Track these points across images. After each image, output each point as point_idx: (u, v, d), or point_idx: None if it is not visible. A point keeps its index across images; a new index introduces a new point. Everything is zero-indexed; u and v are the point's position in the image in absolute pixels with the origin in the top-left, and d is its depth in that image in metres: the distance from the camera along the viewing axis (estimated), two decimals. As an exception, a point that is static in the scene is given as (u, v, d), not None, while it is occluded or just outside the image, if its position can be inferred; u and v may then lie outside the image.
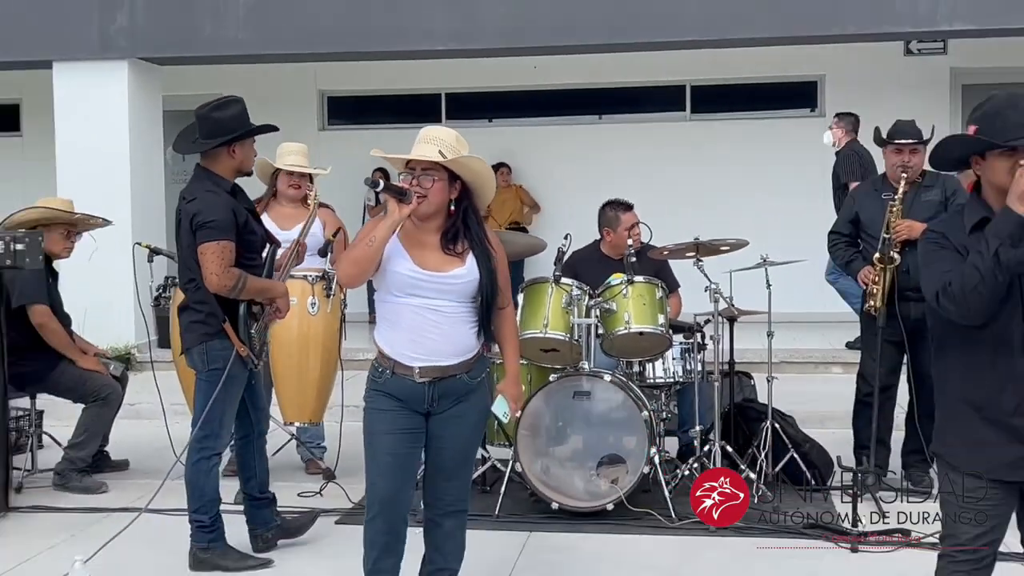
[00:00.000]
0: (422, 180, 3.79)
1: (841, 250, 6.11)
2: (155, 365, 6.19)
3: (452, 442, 3.95)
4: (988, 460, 3.28)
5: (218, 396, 4.79)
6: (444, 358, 3.83)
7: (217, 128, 4.82)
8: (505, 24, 9.77)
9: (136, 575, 4.75)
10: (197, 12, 10.06)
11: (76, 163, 10.05)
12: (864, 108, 10.38)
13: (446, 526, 4.04)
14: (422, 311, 3.81)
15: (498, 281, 3.91)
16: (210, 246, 4.63)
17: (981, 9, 9.21)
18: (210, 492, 4.90)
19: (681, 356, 6.07)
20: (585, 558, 5.01)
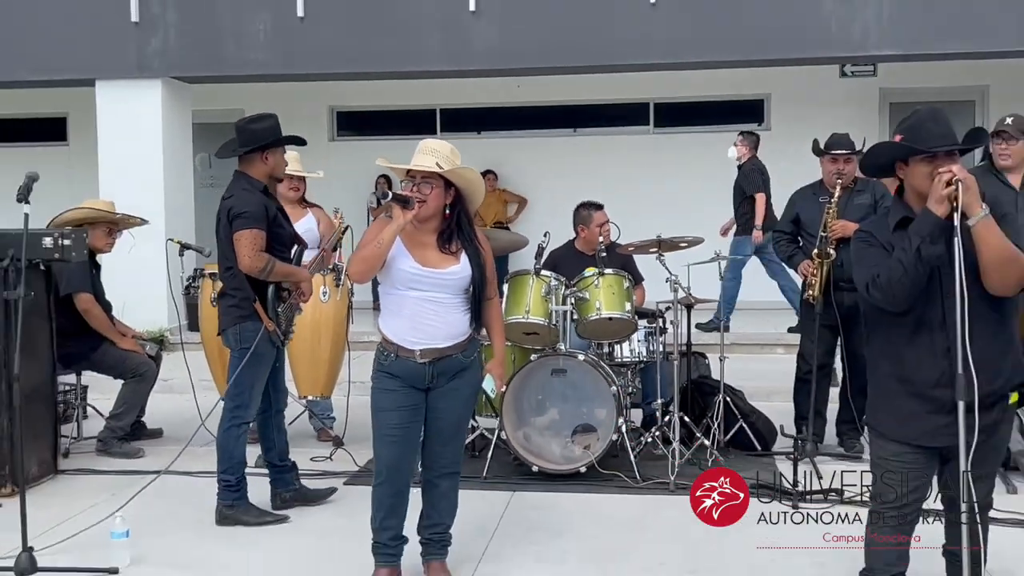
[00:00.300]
0: (421, 187, 3.86)
1: (784, 246, 6.13)
2: (185, 346, 6.18)
3: (448, 413, 4.02)
4: (913, 429, 3.32)
5: (248, 371, 4.82)
6: (441, 341, 3.91)
7: (252, 138, 4.90)
8: (493, 49, 9.78)
9: (167, 528, 4.72)
10: (223, 37, 10.06)
11: (116, 169, 10.04)
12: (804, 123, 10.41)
13: (442, 486, 4.10)
14: (422, 302, 3.89)
15: (487, 275, 3.99)
16: (244, 233, 4.70)
17: (906, 37, 9.24)
18: (238, 456, 4.91)
19: (645, 338, 6.08)
20: (561, 514, 5.02)
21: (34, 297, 5.34)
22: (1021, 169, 5.58)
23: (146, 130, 10.16)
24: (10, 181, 4.66)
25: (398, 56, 9.91)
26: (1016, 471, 5.42)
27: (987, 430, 3.15)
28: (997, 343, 3.26)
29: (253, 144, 4.88)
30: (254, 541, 4.68)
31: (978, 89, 11.60)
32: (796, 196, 6.13)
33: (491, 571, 4.26)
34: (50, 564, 4.17)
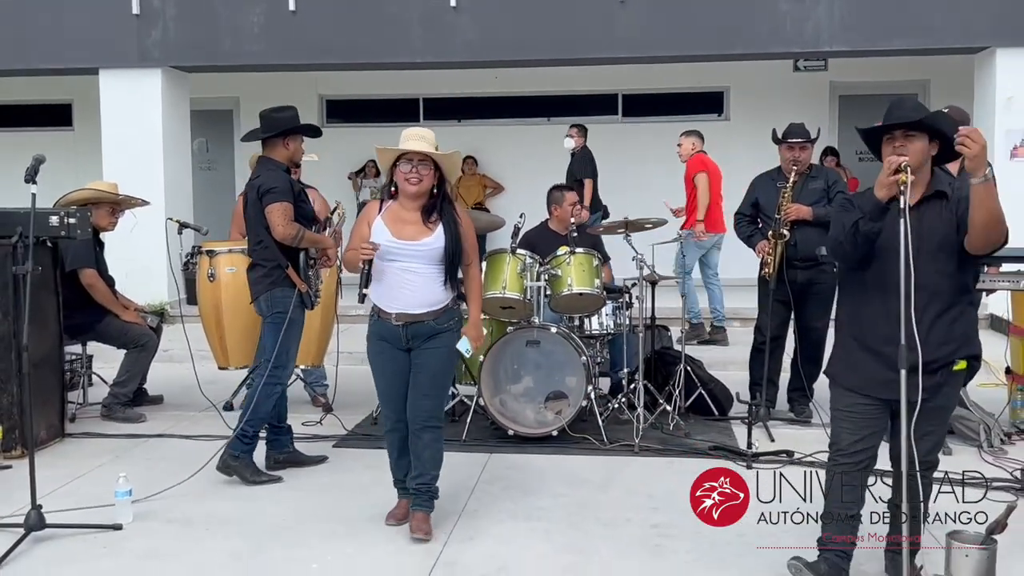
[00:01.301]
0: (419, 168, 4.06)
1: (744, 227, 6.13)
2: (184, 319, 6.14)
3: (425, 368, 4.14)
4: (862, 378, 3.44)
5: (285, 336, 4.87)
6: (414, 308, 4.10)
7: (274, 124, 5.00)
8: (472, 42, 9.73)
9: (166, 486, 4.70)
10: (219, 29, 9.96)
11: (118, 153, 9.96)
12: (760, 113, 10.45)
13: (424, 438, 4.15)
14: (400, 272, 4.09)
15: (463, 244, 4.14)
16: (275, 206, 4.79)
17: (856, 34, 9.28)
18: (263, 413, 4.93)
19: (613, 312, 6.10)
20: (535, 473, 5.03)
21: (41, 272, 5.29)
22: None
23: (147, 116, 10.07)
24: (18, 163, 4.59)
25: (384, 48, 9.86)
26: (952, 434, 5.48)
27: (929, 391, 3.23)
28: (948, 315, 3.32)
29: (275, 130, 4.97)
30: (250, 498, 4.66)
31: (920, 83, 11.66)
32: (756, 181, 6.14)
33: (470, 526, 4.27)
34: (58, 521, 4.14)
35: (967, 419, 5.46)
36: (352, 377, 6.71)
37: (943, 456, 5.07)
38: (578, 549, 4.01)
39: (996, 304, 8.35)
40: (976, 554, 3.13)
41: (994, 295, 6.39)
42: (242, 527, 4.28)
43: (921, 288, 3.24)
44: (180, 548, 4.05)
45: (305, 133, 5.16)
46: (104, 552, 3.99)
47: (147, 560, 3.92)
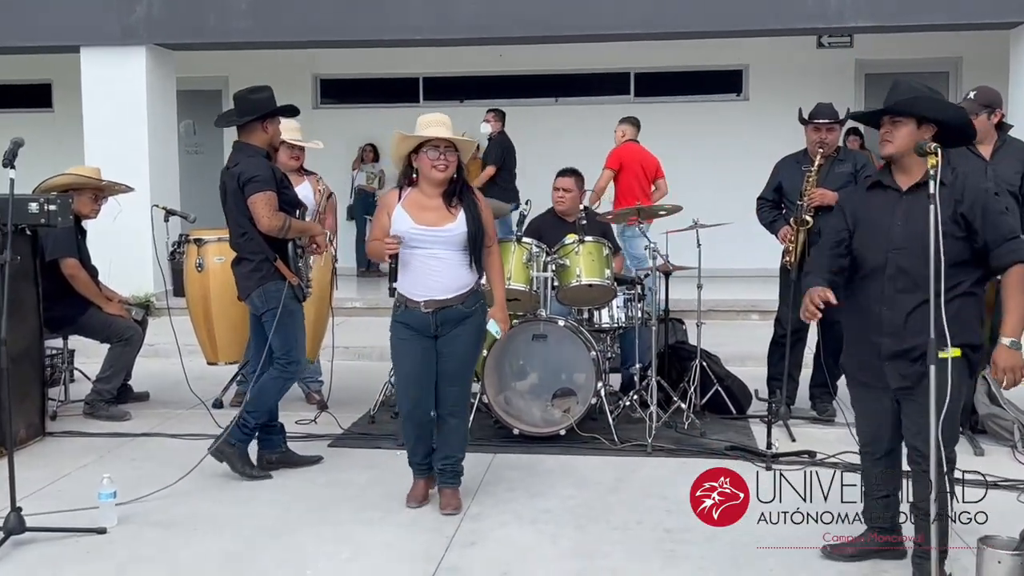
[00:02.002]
0: (446, 154, 4.31)
1: (766, 212, 6.12)
2: (171, 311, 6.16)
3: (452, 356, 4.41)
4: (855, 368, 3.80)
5: (286, 329, 4.91)
6: (441, 293, 4.34)
7: (252, 108, 4.97)
8: (475, 18, 9.72)
9: (153, 489, 4.72)
10: (205, 4, 9.97)
11: (101, 136, 9.98)
12: (782, 93, 10.43)
13: (451, 423, 4.50)
14: (425, 259, 4.33)
15: (484, 227, 4.39)
16: (259, 196, 4.80)
17: (881, 9, 9.24)
18: (270, 404, 5.01)
19: (624, 304, 6.09)
20: (541, 474, 5.05)
21: (20, 262, 5.29)
22: (989, 139, 5.62)
23: (131, 97, 10.07)
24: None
25: (382, 24, 9.84)
26: (984, 434, 5.48)
27: (911, 378, 3.47)
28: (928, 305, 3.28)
29: (253, 114, 4.94)
30: (241, 500, 4.69)
31: (951, 60, 11.62)
32: (780, 164, 6.13)
33: (473, 529, 4.29)
34: (39, 524, 4.16)
35: (1001, 418, 5.47)
36: (348, 373, 6.73)
37: (976, 457, 5.13)
38: (586, 554, 4.02)
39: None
40: (1009, 560, 3.14)
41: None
42: (233, 530, 4.30)
43: (904, 274, 3.47)
44: (166, 552, 4.07)
45: (283, 114, 5.14)
46: (87, 556, 4.01)
47: (132, 565, 3.94)
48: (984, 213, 3.47)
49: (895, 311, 3.53)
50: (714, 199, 8.76)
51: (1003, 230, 3.50)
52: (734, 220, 6.88)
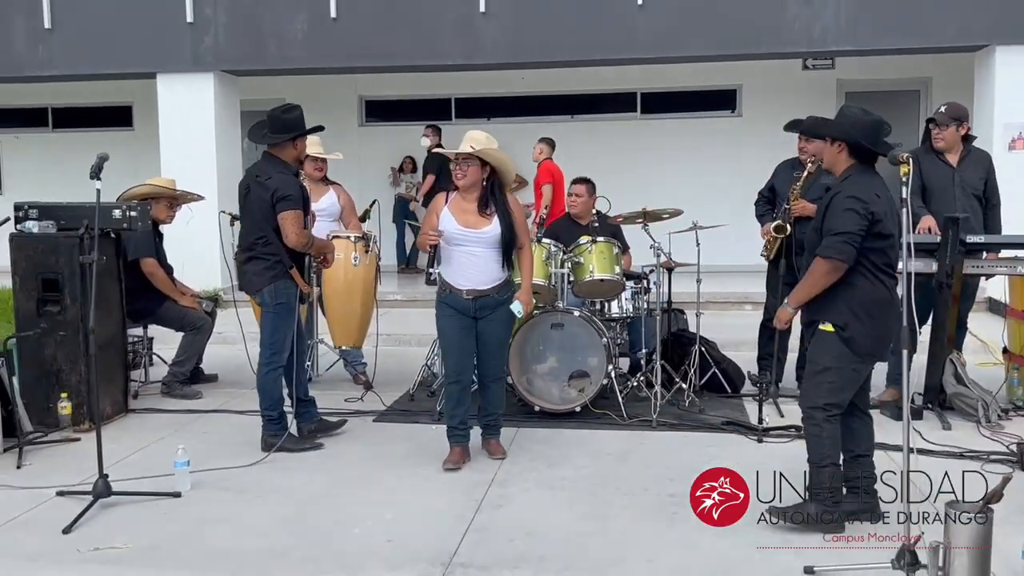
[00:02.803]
0: (462, 165, 4.56)
1: (760, 206, 6.07)
2: (237, 304, 6.19)
3: (491, 335, 4.70)
4: None
5: (283, 324, 4.88)
6: (480, 284, 4.60)
7: (284, 126, 4.88)
8: (500, 46, 9.73)
9: (222, 458, 4.77)
10: (265, 35, 10.02)
11: (175, 151, 10.07)
12: (771, 110, 10.35)
13: (492, 387, 4.82)
14: (464, 255, 4.59)
15: (516, 230, 4.63)
16: (289, 214, 4.75)
17: (861, 34, 9.18)
18: (277, 394, 4.96)
19: (632, 297, 6.08)
20: (559, 446, 5.05)
21: (106, 261, 5.36)
22: (956, 149, 5.57)
23: (200, 117, 10.15)
24: (84, 161, 4.64)
25: (418, 51, 9.87)
26: (951, 410, 5.43)
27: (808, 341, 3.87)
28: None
29: (286, 133, 4.85)
30: (298, 469, 4.72)
31: (922, 80, 11.49)
32: (779, 167, 6.07)
33: (499, 493, 4.30)
34: (123, 489, 4.21)
35: (967, 396, 5.41)
36: (390, 357, 6.75)
37: (944, 431, 5.09)
38: (599, 516, 4.02)
39: (994, 288, 8.24)
40: (974, 522, 3.10)
41: (993, 279, 6.32)
42: (290, 494, 4.33)
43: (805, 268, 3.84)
44: (234, 513, 4.11)
45: (312, 132, 5.06)
46: (165, 517, 4.06)
47: (204, 524, 3.98)
48: (827, 210, 3.75)
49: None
50: (711, 203, 8.73)
51: (827, 226, 3.72)
52: (729, 222, 6.83)
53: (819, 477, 3.74)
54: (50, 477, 4.51)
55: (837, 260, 3.64)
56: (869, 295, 3.70)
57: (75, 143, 12.37)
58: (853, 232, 3.60)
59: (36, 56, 10.39)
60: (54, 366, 5.39)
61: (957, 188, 5.49)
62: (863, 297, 3.70)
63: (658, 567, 3.49)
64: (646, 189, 8.98)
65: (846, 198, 3.67)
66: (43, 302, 5.39)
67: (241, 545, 3.75)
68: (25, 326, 5.40)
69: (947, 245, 5.19)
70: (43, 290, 5.38)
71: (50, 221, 5.42)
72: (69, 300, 5.36)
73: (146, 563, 3.58)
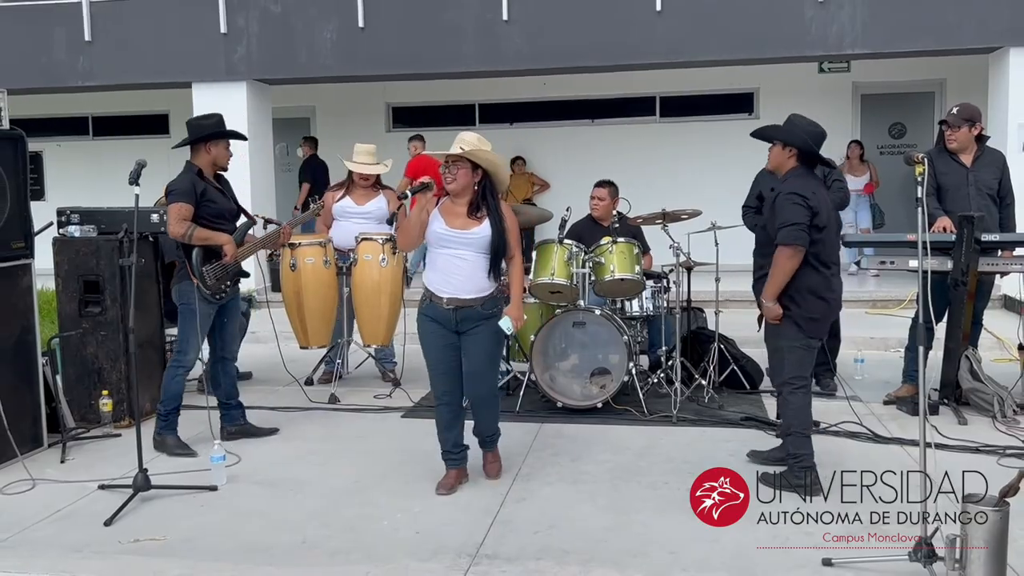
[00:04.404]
0: (451, 168, 4.10)
1: (751, 218, 5.86)
2: (270, 304, 6.23)
3: (477, 353, 4.19)
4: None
5: (185, 323, 4.84)
6: (464, 293, 4.12)
7: (196, 131, 4.92)
8: (523, 52, 9.71)
9: (255, 454, 4.80)
10: (296, 45, 10.07)
11: (210, 157, 10.09)
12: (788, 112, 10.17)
13: (483, 411, 4.37)
14: (451, 258, 4.12)
15: (507, 237, 4.15)
16: (171, 206, 4.79)
17: (876, 37, 9.08)
18: (172, 392, 4.89)
19: (652, 296, 6.06)
20: (581, 441, 5.04)
21: (144, 263, 5.41)
22: (970, 149, 5.50)
23: (234, 124, 9.99)
24: (122, 168, 4.70)
25: (443, 59, 9.88)
26: (967, 406, 5.37)
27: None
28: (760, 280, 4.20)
29: (194, 136, 4.89)
30: (327, 463, 4.74)
31: (937, 82, 11.37)
32: (759, 175, 5.94)
33: (523, 488, 4.29)
34: (161, 483, 4.25)
35: (982, 392, 5.35)
36: (418, 356, 6.65)
37: (960, 426, 5.04)
38: (621, 509, 4.01)
39: (1009, 285, 8.15)
40: (990, 516, 3.07)
41: (1008, 277, 6.24)
42: (321, 487, 4.35)
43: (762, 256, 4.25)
44: (269, 506, 4.13)
45: (229, 137, 5.00)
46: (202, 509, 4.09)
47: (240, 516, 4.01)
48: (772, 207, 4.09)
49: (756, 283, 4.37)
50: (729, 204, 8.65)
51: (776, 220, 4.04)
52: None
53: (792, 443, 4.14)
54: (92, 471, 4.57)
55: (795, 245, 3.98)
56: (807, 281, 4.06)
57: (114, 150, 12.53)
58: (800, 221, 3.98)
59: (77, 67, 10.50)
60: (95, 364, 5.46)
61: (971, 188, 5.42)
62: (801, 283, 4.06)
63: (681, 559, 3.48)
64: (665, 191, 8.96)
65: (790, 194, 4.05)
66: (85, 303, 5.46)
67: (275, 537, 3.77)
68: (68, 326, 5.47)
69: (962, 243, 5.13)
70: (84, 291, 5.45)
71: (91, 225, 5.50)
72: (109, 301, 5.42)
73: (185, 554, 3.61)
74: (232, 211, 5.05)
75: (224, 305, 5.01)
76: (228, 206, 5.03)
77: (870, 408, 5.54)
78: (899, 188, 10.55)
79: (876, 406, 5.61)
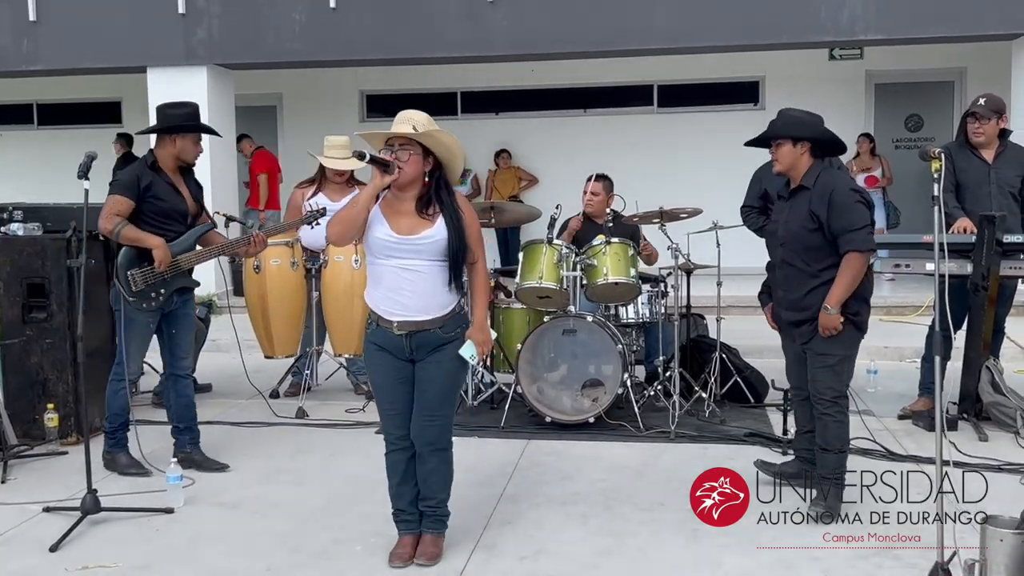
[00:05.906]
0: (399, 153, 3.53)
1: (754, 218, 5.85)
2: (232, 310, 6.21)
3: (431, 384, 3.64)
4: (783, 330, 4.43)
5: (123, 333, 4.71)
6: (417, 314, 3.57)
7: (163, 120, 4.82)
8: (508, 36, 9.74)
9: (216, 473, 4.78)
10: (261, 27, 10.06)
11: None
12: (795, 103, 10.22)
13: (431, 462, 3.70)
14: (398, 271, 3.55)
15: (466, 238, 3.61)
16: (108, 198, 4.69)
17: (890, 23, 9.14)
18: (115, 408, 4.84)
19: (648, 301, 6.08)
20: (572, 459, 5.05)
21: (94, 265, 5.37)
22: (993, 144, 5.54)
23: (193, 113, 10.14)
24: (71, 160, 4.67)
25: (422, 43, 9.89)
26: (988, 420, 5.41)
27: (802, 337, 4.16)
28: (803, 287, 4.10)
29: (161, 125, 4.80)
30: (296, 483, 4.73)
31: (956, 70, 11.47)
32: (761, 172, 5.92)
33: (508, 509, 4.30)
34: (112, 505, 4.23)
35: (1004, 406, 5.39)
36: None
37: (981, 443, 5.07)
38: (614, 533, 4.02)
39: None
40: (1011, 538, 3.10)
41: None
42: (288, 510, 4.34)
43: (785, 264, 4.16)
44: (229, 531, 4.12)
45: (198, 131, 4.89)
46: (158, 534, 4.07)
47: (199, 541, 4.00)
48: (830, 207, 3.96)
49: (789, 291, 4.18)
50: (732, 202, 8.71)
51: (843, 223, 3.95)
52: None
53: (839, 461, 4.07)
54: (36, 492, 4.54)
55: (870, 252, 3.97)
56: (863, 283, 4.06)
57: (62, 140, 12.49)
58: (869, 223, 3.98)
59: (20, 50, 10.45)
60: (40, 375, 5.43)
61: (993, 185, 5.47)
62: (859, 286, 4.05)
63: (677, 587, 3.50)
64: (663, 187, 8.99)
65: (850, 191, 4.03)
66: (28, 308, 5.42)
67: (237, 564, 3.76)
68: (10, 333, 5.44)
69: (983, 245, 5.17)
70: (28, 295, 5.42)
71: (36, 223, 5.47)
72: (56, 306, 5.40)
73: (137, 583, 3.60)
74: (184, 212, 4.84)
75: (171, 313, 4.85)
76: (180, 206, 4.82)
77: (884, 423, 5.58)
78: (915, 185, 10.64)
79: (890, 421, 5.65)
